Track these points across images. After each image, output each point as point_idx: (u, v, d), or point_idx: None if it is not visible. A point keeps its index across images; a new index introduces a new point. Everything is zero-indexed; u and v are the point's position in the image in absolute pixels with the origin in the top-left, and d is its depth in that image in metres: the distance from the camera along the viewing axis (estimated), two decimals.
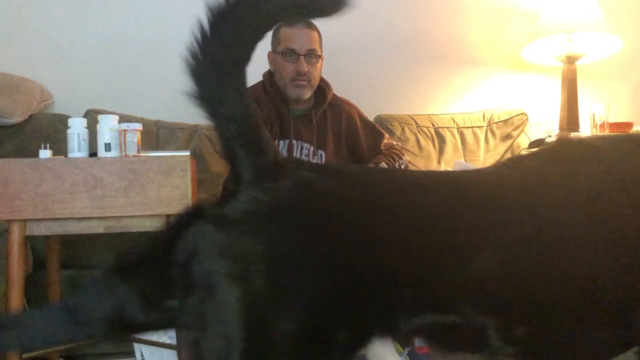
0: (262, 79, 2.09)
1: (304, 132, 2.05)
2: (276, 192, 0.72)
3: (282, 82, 2.00)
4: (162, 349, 1.54)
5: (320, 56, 2.00)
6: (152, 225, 1.36)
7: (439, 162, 2.65)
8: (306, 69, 1.94)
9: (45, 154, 1.38)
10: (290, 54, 1.95)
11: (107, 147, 1.41)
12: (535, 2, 2.90)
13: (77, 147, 1.40)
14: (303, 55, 1.94)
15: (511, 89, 3.00)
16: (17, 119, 2.19)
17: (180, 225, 0.75)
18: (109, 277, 0.74)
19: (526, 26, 2.87)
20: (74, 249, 1.80)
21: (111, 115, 1.45)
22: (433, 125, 2.72)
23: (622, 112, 2.92)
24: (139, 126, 1.44)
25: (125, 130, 1.41)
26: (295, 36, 1.94)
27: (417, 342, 1.64)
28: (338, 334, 0.69)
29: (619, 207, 0.77)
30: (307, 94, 2.01)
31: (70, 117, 1.60)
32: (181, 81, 2.71)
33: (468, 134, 2.76)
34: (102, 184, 1.31)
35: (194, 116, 2.98)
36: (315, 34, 1.98)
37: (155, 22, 2.60)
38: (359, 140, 2.16)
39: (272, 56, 2.03)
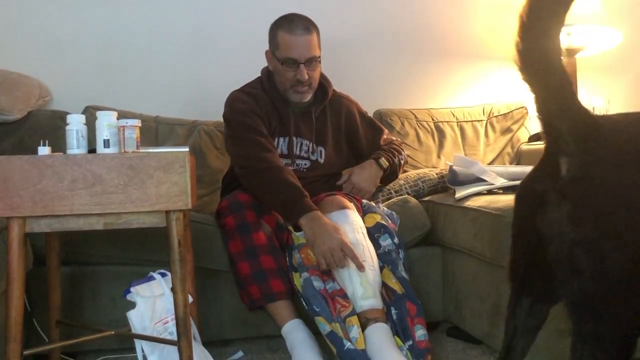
0: (260, 75, 2.09)
1: (303, 128, 2.04)
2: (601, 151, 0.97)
3: (282, 87, 1.99)
4: (162, 344, 1.54)
5: (320, 59, 1.98)
6: (151, 221, 1.36)
7: (438, 156, 2.65)
8: (307, 77, 1.93)
9: (44, 150, 1.38)
10: (290, 62, 1.92)
11: (106, 143, 1.41)
12: None
13: (75, 143, 1.40)
14: (303, 63, 1.92)
15: (511, 82, 3.00)
16: (15, 115, 2.19)
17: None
18: None
19: None
20: (74, 246, 1.80)
21: (110, 112, 1.44)
22: (433, 119, 2.72)
23: (621, 104, 2.92)
24: (137, 122, 1.44)
25: (124, 126, 1.41)
26: (295, 45, 1.90)
27: (418, 337, 1.64)
28: None
29: None
30: (308, 97, 2.01)
31: (68, 113, 1.60)
32: (179, 77, 2.70)
33: (468, 127, 2.75)
34: (101, 180, 1.31)
35: (193, 112, 2.99)
36: (314, 37, 1.94)
37: (153, 17, 2.60)
38: (358, 135, 2.16)
39: (270, 56, 2.01)
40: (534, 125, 2.89)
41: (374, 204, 1.98)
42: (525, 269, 1.14)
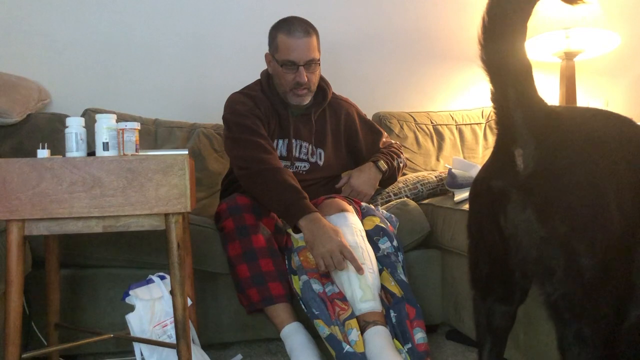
0: (259, 77, 2.09)
1: (302, 130, 2.05)
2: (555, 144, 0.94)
3: (282, 89, 1.99)
4: (161, 347, 1.54)
5: (319, 61, 1.98)
6: (150, 224, 1.36)
7: (437, 159, 2.65)
8: (306, 79, 1.93)
9: (43, 153, 1.38)
10: (290, 65, 1.93)
11: (105, 146, 1.41)
12: None
13: (75, 146, 1.40)
14: (302, 65, 1.93)
15: None
16: (15, 118, 2.19)
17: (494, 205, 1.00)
18: None
19: None
20: (73, 249, 1.80)
21: (109, 115, 1.44)
22: (432, 122, 2.73)
23: (620, 107, 2.93)
24: (137, 125, 1.44)
25: (123, 129, 1.41)
26: (294, 47, 1.91)
27: (417, 340, 1.64)
28: None
29: None
30: (308, 100, 2.01)
31: (68, 116, 1.61)
32: (178, 80, 2.70)
33: (467, 131, 2.76)
34: (101, 183, 1.31)
35: (192, 115, 2.99)
36: (314, 40, 1.94)
37: (152, 20, 2.60)
38: (357, 138, 2.16)
39: (269, 59, 2.01)
40: None
41: (373, 207, 1.98)
42: (488, 271, 1.10)
